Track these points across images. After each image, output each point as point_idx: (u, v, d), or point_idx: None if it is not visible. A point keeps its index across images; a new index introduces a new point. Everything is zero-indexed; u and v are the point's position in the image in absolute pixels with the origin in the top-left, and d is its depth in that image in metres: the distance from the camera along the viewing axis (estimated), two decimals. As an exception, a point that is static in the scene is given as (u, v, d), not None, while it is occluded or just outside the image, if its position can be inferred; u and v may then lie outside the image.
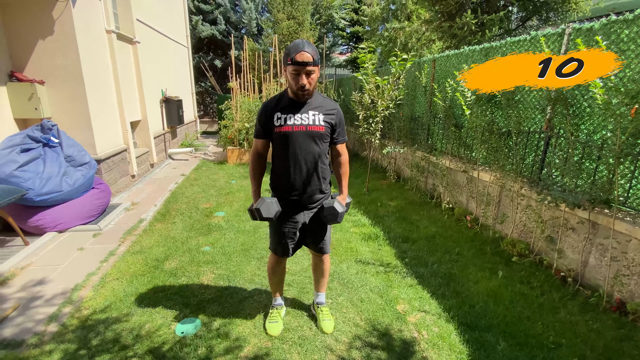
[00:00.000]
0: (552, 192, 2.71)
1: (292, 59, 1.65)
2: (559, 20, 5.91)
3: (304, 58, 1.64)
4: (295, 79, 1.70)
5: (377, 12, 10.08)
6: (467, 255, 3.20)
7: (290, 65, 1.68)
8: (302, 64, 1.65)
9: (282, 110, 1.81)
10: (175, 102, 7.90)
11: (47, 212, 3.51)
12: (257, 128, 1.90)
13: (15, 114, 3.88)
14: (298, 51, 1.64)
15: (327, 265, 2.20)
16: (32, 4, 3.81)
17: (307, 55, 1.64)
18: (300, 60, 1.64)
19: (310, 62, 1.66)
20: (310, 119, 1.81)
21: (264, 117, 1.84)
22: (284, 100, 1.84)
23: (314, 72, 1.71)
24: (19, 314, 2.32)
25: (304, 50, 1.64)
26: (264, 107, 1.86)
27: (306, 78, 1.69)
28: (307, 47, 1.65)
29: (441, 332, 2.19)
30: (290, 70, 1.70)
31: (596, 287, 2.54)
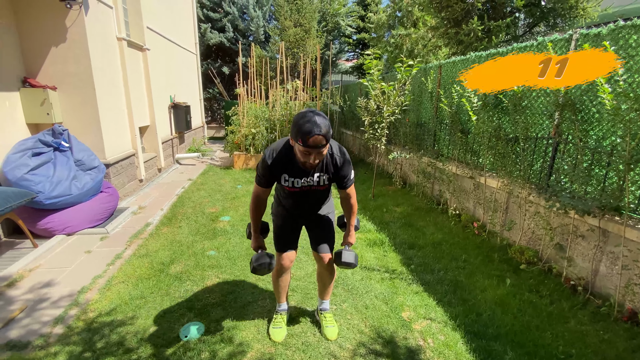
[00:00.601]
0: (561, 199, 2.67)
1: (304, 142, 1.52)
2: (567, 27, 5.88)
3: (316, 142, 1.52)
4: (306, 157, 1.60)
5: (383, 19, 10.15)
6: (474, 263, 3.16)
7: (300, 144, 1.54)
8: (315, 147, 1.54)
9: (289, 173, 1.79)
10: (183, 108, 8.01)
11: (56, 215, 3.56)
12: (260, 179, 1.84)
13: (28, 119, 3.97)
14: (311, 135, 1.49)
15: (332, 274, 2.17)
16: (46, 12, 3.92)
17: (320, 138, 1.52)
18: (313, 144, 1.52)
19: (322, 144, 1.54)
20: (315, 180, 1.83)
21: (270, 175, 1.80)
22: (290, 162, 1.76)
23: (325, 148, 1.60)
24: (26, 315, 2.34)
25: (318, 133, 1.50)
26: (271, 167, 1.76)
27: (317, 157, 1.60)
28: (321, 128, 1.50)
29: (447, 340, 2.15)
30: (299, 149, 1.58)
31: (607, 297, 2.48)
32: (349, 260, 2.00)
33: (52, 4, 3.86)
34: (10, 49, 3.83)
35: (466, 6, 5.78)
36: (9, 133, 3.73)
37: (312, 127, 1.50)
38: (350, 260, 2.00)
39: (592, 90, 2.62)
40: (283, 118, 7.39)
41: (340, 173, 1.84)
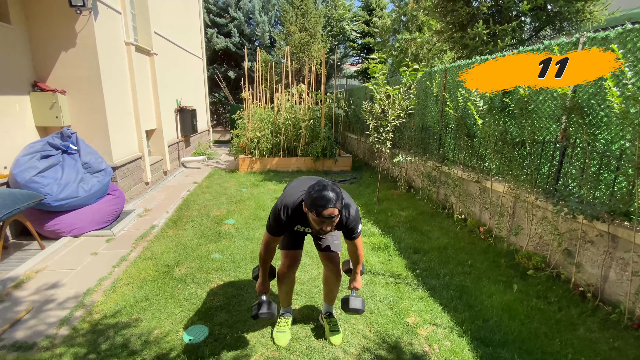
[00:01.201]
0: (569, 204, 2.63)
1: (318, 214, 1.60)
2: (573, 30, 5.84)
3: (330, 214, 1.60)
4: (319, 225, 1.67)
5: (388, 23, 10.18)
6: (480, 268, 3.12)
7: (314, 215, 1.63)
8: (328, 218, 1.62)
9: (301, 224, 1.90)
10: (189, 112, 8.08)
11: (63, 217, 3.60)
12: (272, 229, 1.87)
13: (37, 122, 4.03)
14: (326, 208, 1.58)
15: (338, 277, 2.17)
16: (56, 18, 4.00)
17: (334, 210, 1.60)
18: (327, 215, 1.60)
19: (335, 215, 1.62)
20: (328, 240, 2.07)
21: (283, 228, 1.86)
22: (303, 219, 1.84)
23: (338, 217, 1.67)
24: (32, 316, 2.36)
25: (332, 206, 1.59)
26: (285, 224, 1.83)
27: (330, 226, 1.67)
28: (334, 201, 1.59)
29: (453, 346, 2.12)
30: (314, 218, 1.66)
31: (617, 303, 2.43)
32: (356, 307, 2.01)
33: (63, 9, 3.93)
34: (22, 54, 3.91)
35: (471, 10, 5.77)
36: (19, 136, 3.79)
37: (326, 202, 1.59)
38: (357, 307, 2.02)
39: (600, 93, 2.59)
40: (288, 122, 7.42)
41: (348, 228, 1.88)
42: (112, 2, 4.65)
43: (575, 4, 5.35)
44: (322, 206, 1.59)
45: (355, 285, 2.13)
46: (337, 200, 1.62)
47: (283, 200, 1.85)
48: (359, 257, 2.05)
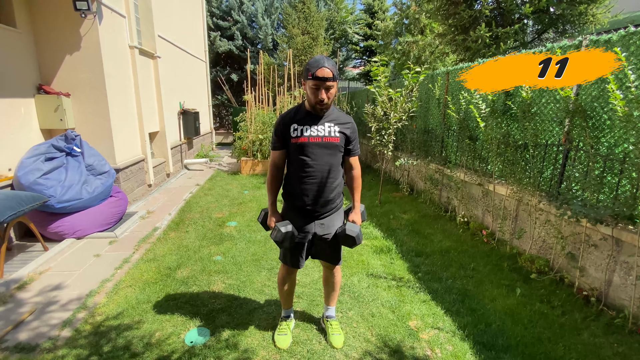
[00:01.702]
0: (572, 207, 2.61)
1: (313, 74, 1.70)
2: (576, 33, 5.83)
3: (324, 74, 1.69)
4: (315, 93, 1.75)
5: (391, 26, 10.21)
6: (483, 271, 3.10)
7: (310, 80, 1.73)
8: (322, 79, 1.70)
9: (298, 122, 1.87)
10: (192, 114, 8.12)
11: (67, 218, 3.62)
12: (274, 139, 1.94)
13: (42, 125, 4.07)
14: (319, 67, 1.69)
15: (338, 279, 2.17)
16: (61, 22, 4.04)
17: (328, 71, 1.69)
18: (320, 75, 1.69)
19: (330, 77, 1.71)
20: (326, 130, 1.86)
21: (281, 128, 1.88)
22: (300, 113, 1.89)
23: (333, 87, 1.76)
24: (35, 318, 2.37)
25: (325, 66, 1.69)
26: (281, 119, 1.90)
27: (325, 93, 1.75)
28: (327, 62, 1.71)
29: (455, 350, 2.11)
30: (310, 85, 1.75)
31: (621, 308, 2.40)
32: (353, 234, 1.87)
33: (68, 13, 3.98)
34: (27, 57, 3.95)
35: (473, 13, 5.78)
36: (23, 138, 3.83)
37: (320, 61, 1.70)
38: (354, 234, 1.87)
39: (602, 96, 2.58)
40: (290, 124, 7.43)
41: (348, 129, 1.91)
42: (117, 6, 4.69)
43: (578, 7, 5.34)
44: (315, 66, 1.69)
45: (354, 219, 2.03)
46: (331, 63, 1.71)
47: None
48: (357, 180, 2.05)
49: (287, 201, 2.01)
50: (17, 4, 3.80)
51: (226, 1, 14.47)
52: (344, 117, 1.94)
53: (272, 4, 14.25)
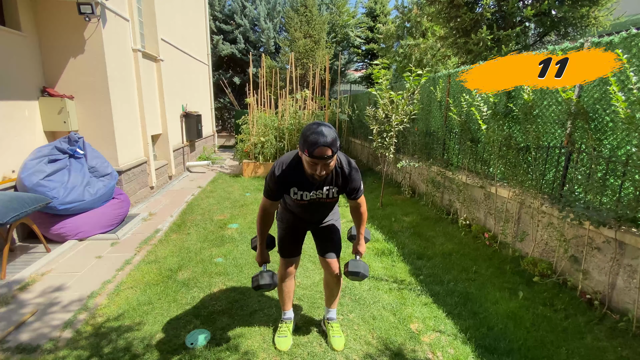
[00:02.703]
0: (575, 209, 2.60)
1: (310, 153, 1.52)
2: (578, 36, 5.83)
3: (322, 153, 1.52)
4: (312, 167, 1.60)
5: (392, 29, 10.24)
6: (485, 274, 3.08)
7: (307, 155, 1.56)
8: (321, 157, 1.54)
9: (298, 186, 1.77)
10: (194, 117, 8.16)
11: (69, 220, 3.64)
12: (269, 189, 1.80)
13: (46, 127, 4.10)
14: (317, 145, 1.50)
15: (339, 281, 2.16)
16: (65, 25, 4.08)
17: (326, 149, 1.52)
18: (318, 155, 1.53)
19: (328, 155, 1.53)
20: (324, 193, 1.82)
21: (279, 188, 1.78)
22: (298, 173, 1.74)
23: (332, 160, 1.59)
24: (37, 319, 2.38)
25: (324, 145, 1.50)
26: (280, 179, 1.74)
27: (324, 168, 1.60)
28: (326, 138, 1.50)
29: (457, 354, 2.09)
30: (306, 160, 1.59)
31: (625, 311, 2.38)
32: (357, 270, 1.96)
33: (72, 17, 4.02)
34: (31, 60, 3.99)
35: (475, 16, 5.79)
36: (27, 140, 3.86)
37: (318, 138, 1.50)
38: (358, 270, 1.96)
39: (605, 98, 2.58)
40: (292, 127, 7.46)
41: (350, 186, 1.83)
42: (120, 10, 4.74)
43: (580, 9, 5.34)
44: (313, 143, 1.49)
45: (359, 249, 2.07)
46: (330, 137, 1.51)
47: (279, 159, 1.81)
48: (362, 217, 1.99)
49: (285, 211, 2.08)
50: (22, 7, 3.85)
51: (229, 5, 14.59)
52: (344, 171, 1.77)
53: (274, 8, 14.34)
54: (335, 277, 2.11)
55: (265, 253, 2.04)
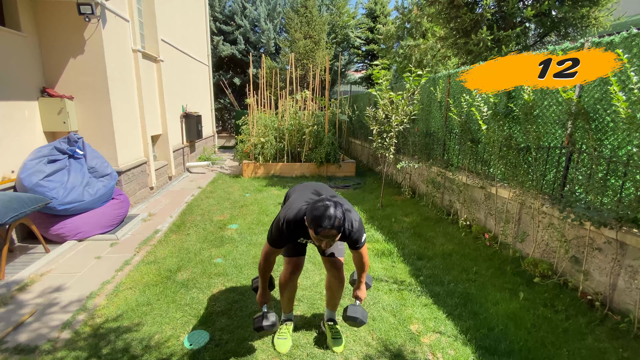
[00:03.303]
0: (575, 210, 2.59)
1: (316, 232, 1.61)
2: (578, 36, 5.82)
3: (328, 234, 1.60)
4: (318, 242, 1.69)
5: (392, 30, 10.24)
6: (485, 275, 3.07)
7: (313, 233, 1.64)
8: (327, 237, 1.63)
9: (305, 237, 1.85)
10: (194, 118, 8.16)
11: (69, 220, 3.63)
12: (275, 238, 1.84)
13: (45, 127, 4.10)
14: (323, 228, 1.58)
15: (342, 283, 2.12)
16: (65, 26, 4.08)
17: (332, 231, 1.59)
18: (324, 235, 1.61)
19: (334, 235, 1.62)
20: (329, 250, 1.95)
21: (285, 240, 1.84)
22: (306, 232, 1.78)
23: (337, 237, 1.66)
24: (35, 319, 2.37)
25: (330, 228, 1.58)
26: (288, 237, 1.81)
27: (328, 244, 1.68)
28: (333, 221, 1.57)
29: (457, 355, 2.08)
30: (313, 235, 1.66)
31: (626, 312, 2.37)
32: (355, 315, 1.95)
33: (72, 17, 4.02)
34: (31, 61, 3.99)
35: (475, 17, 5.79)
36: (27, 140, 3.86)
37: (324, 221, 1.58)
38: (356, 316, 1.96)
39: (605, 98, 2.57)
40: (292, 127, 7.46)
41: (352, 239, 1.84)
42: (120, 11, 4.74)
43: (580, 10, 5.34)
44: (321, 226, 1.58)
45: (358, 295, 2.06)
46: (338, 221, 1.59)
47: (286, 213, 1.81)
48: (364, 266, 2.01)
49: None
50: (22, 8, 3.85)
51: (229, 6, 14.60)
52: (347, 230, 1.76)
53: (274, 9, 14.35)
54: (338, 279, 2.08)
55: (267, 294, 2.05)
